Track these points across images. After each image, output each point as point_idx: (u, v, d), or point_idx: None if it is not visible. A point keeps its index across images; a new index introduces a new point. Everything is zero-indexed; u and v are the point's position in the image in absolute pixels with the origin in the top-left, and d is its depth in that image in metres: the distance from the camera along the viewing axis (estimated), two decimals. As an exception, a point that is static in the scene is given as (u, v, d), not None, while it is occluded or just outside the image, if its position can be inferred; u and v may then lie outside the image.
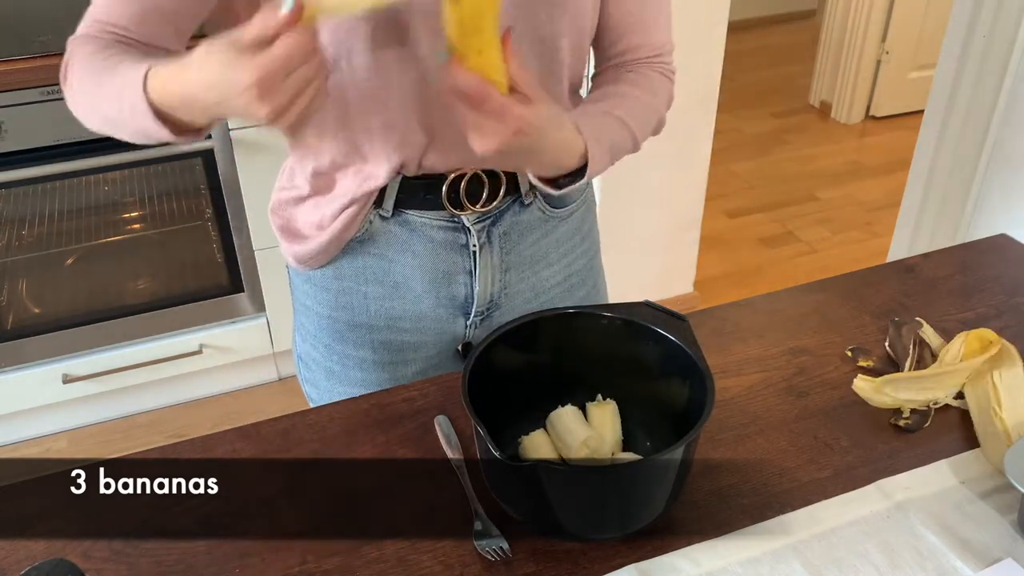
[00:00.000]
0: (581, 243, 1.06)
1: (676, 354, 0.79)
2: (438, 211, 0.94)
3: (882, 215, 3.05)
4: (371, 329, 1.00)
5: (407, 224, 0.95)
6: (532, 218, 0.99)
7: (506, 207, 0.97)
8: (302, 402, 1.07)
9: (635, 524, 0.74)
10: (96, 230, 2.05)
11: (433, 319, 1.00)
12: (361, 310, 0.99)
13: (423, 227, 0.95)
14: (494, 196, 0.95)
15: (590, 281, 1.10)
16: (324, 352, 1.04)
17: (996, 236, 1.19)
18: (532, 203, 0.98)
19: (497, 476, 0.75)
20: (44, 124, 1.80)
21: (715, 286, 2.73)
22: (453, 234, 0.96)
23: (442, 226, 0.95)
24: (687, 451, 0.71)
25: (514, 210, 0.98)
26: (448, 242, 0.96)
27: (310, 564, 0.76)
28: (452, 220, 0.95)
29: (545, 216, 1.00)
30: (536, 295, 1.03)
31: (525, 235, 1.00)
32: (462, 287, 0.99)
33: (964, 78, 1.96)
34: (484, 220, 0.96)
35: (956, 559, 0.74)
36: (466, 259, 0.97)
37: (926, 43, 3.45)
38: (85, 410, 2.22)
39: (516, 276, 1.01)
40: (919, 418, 0.89)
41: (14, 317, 2.05)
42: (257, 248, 2.10)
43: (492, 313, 1.02)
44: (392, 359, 1.02)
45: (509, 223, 0.98)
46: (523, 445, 0.82)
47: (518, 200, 0.97)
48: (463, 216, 0.95)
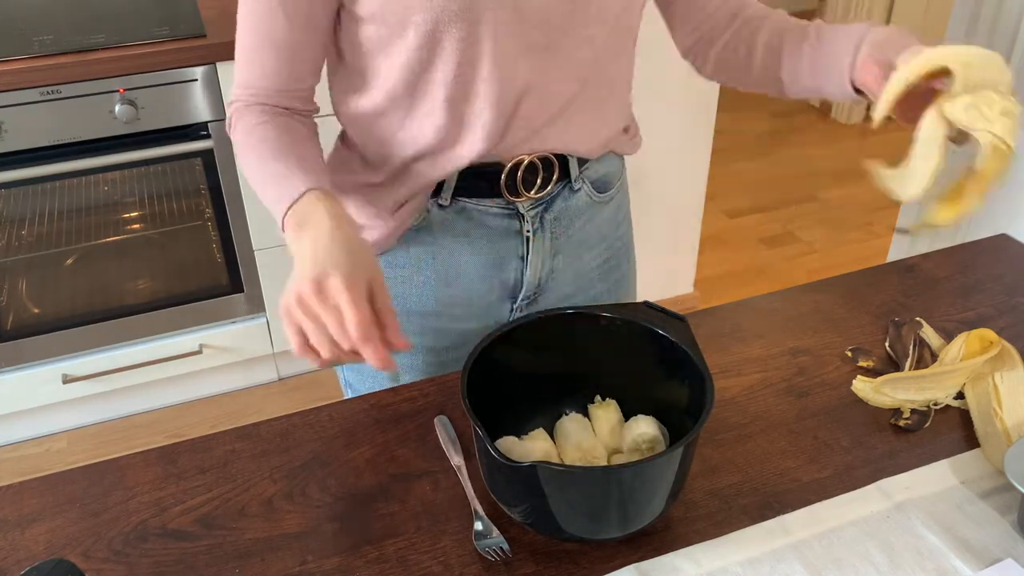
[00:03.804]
0: (618, 228, 1.10)
1: (676, 354, 0.79)
2: (495, 199, 0.97)
3: (882, 215, 3.05)
4: (423, 315, 1.03)
5: (464, 212, 0.98)
6: (580, 203, 1.03)
7: (557, 193, 1.00)
8: (302, 402, 1.07)
9: (635, 524, 0.74)
10: (96, 230, 2.05)
11: (483, 305, 1.03)
12: (415, 298, 1.02)
13: (480, 215, 0.98)
14: (547, 183, 0.98)
15: (625, 264, 1.14)
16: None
17: (996, 236, 1.19)
18: (581, 188, 1.02)
19: (496, 477, 0.75)
20: (44, 124, 1.80)
21: (715, 286, 2.73)
22: (508, 220, 0.99)
23: (498, 213, 0.98)
24: (687, 451, 0.71)
25: (564, 195, 1.01)
26: (503, 228, 0.99)
27: (310, 564, 0.76)
28: (508, 207, 0.98)
29: (591, 201, 1.04)
30: (576, 278, 1.07)
31: (574, 220, 1.03)
32: (513, 272, 1.02)
33: (964, 78, 1.96)
34: (538, 206, 1.00)
35: (956, 559, 0.74)
36: (519, 245, 1.01)
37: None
38: (85, 410, 2.23)
39: (563, 260, 1.04)
40: (919, 418, 0.89)
41: (14, 317, 2.05)
42: (257, 248, 2.10)
43: (538, 297, 1.05)
44: (437, 344, 1.04)
45: (560, 208, 1.01)
46: (523, 446, 0.82)
47: (568, 186, 1.01)
48: (518, 203, 0.98)
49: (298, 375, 2.36)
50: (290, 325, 0.73)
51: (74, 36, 1.82)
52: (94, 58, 1.78)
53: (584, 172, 1.02)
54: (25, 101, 1.76)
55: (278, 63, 0.88)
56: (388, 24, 0.85)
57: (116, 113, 1.81)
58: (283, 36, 0.87)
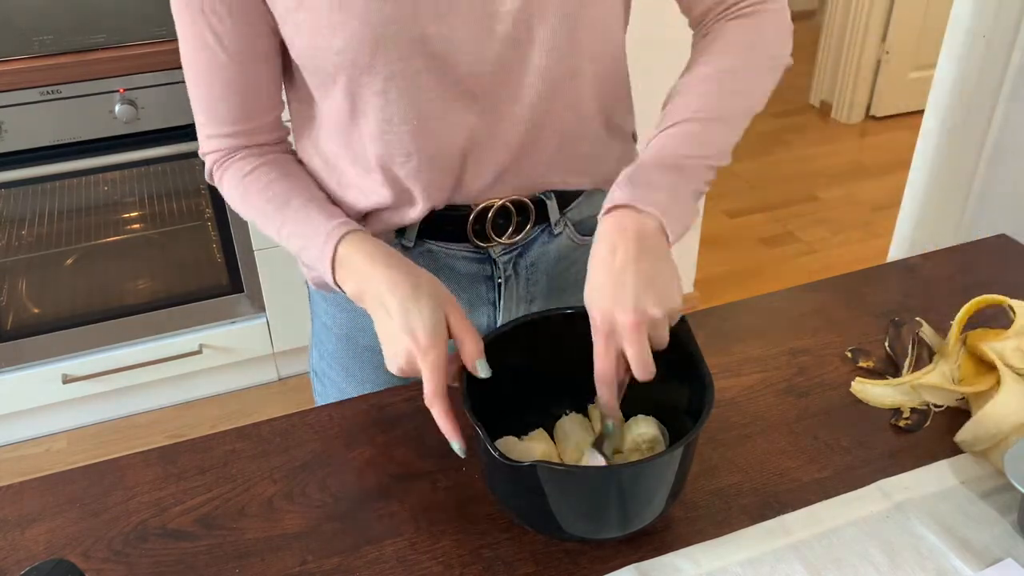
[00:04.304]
0: None
1: (677, 354, 0.79)
2: (462, 243, 0.92)
3: (882, 215, 3.05)
4: None
5: (430, 254, 0.93)
6: (561, 247, 0.97)
7: (533, 237, 0.94)
8: (302, 402, 1.07)
9: (635, 524, 0.74)
10: (96, 230, 2.05)
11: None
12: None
13: (447, 258, 0.93)
14: (522, 227, 0.92)
15: None
16: (342, 373, 1.03)
17: (996, 236, 1.19)
18: (562, 232, 0.96)
19: (496, 477, 0.75)
20: (44, 124, 1.80)
21: (715, 286, 2.73)
22: (478, 266, 0.94)
23: (467, 257, 0.93)
24: (687, 451, 0.71)
25: (542, 240, 0.95)
26: (472, 274, 0.94)
27: (310, 564, 0.76)
28: (477, 251, 0.93)
29: (574, 244, 0.98)
30: None
31: (553, 265, 0.97)
32: (485, 318, 0.97)
33: (964, 78, 1.96)
34: (511, 252, 0.94)
35: (956, 559, 0.74)
36: (490, 291, 0.96)
37: (926, 43, 3.45)
38: (85, 410, 2.23)
39: (541, 306, 0.99)
40: (919, 418, 0.89)
41: (14, 317, 2.05)
42: (257, 248, 2.10)
43: None
44: (406, 382, 1.00)
45: (537, 254, 0.95)
46: (523, 446, 0.82)
47: (547, 230, 0.95)
48: (489, 248, 0.93)
49: (298, 375, 2.36)
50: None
51: (74, 36, 1.82)
52: (94, 58, 1.78)
53: (567, 214, 0.95)
54: (25, 101, 1.77)
55: (233, 102, 0.85)
56: (314, 71, 0.82)
57: (116, 113, 1.81)
58: (231, 75, 0.83)
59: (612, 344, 0.73)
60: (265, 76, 0.85)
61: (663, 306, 0.72)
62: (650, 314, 0.72)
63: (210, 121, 0.87)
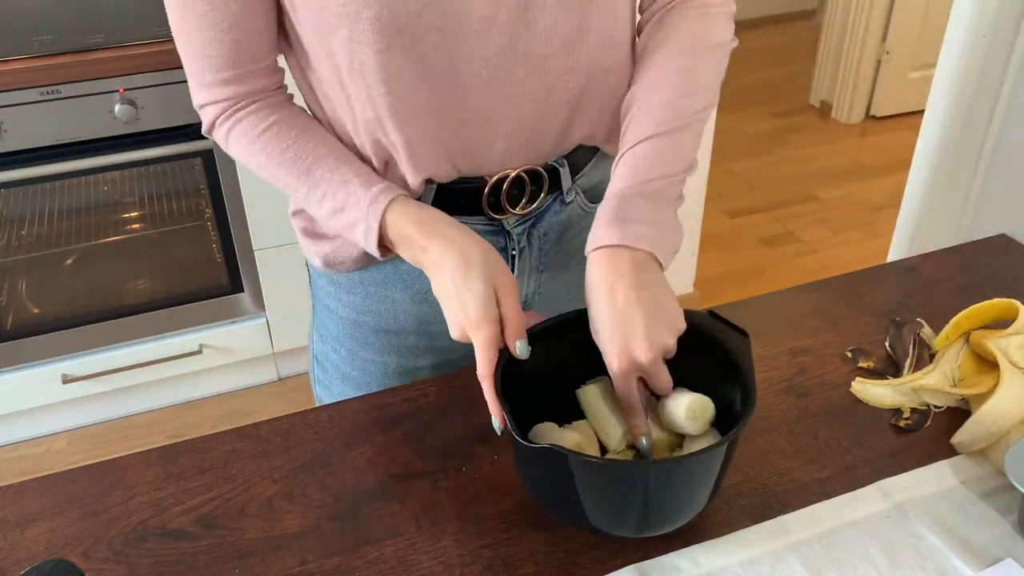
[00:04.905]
0: None
1: (726, 368, 0.78)
2: (477, 216, 0.90)
3: (882, 215, 3.05)
4: (399, 335, 0.99)
5: None
6: (572, 215, 0.96)
7: (547, 207, 0.94)
8: (302, 402, 1.06)
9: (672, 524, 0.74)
10: (96, 230, 2.05)
11: None
12: (389, 316, 0.97)
13: None
14: (536, 196, 0.92)
15: None
16: (346, 356, 1.02)
17: (996, 236, 1.19)
18: (573, 200, 0.96)
19: (519, 460, 0.75)
20: (44, 124, 1.80)
21: (715, 286, 2.73)
22: (492, 238, 0.92)
23: (482, 231, 0.91)
24: (728, 450, 0.71)
25: (555, 209, 0.95)
26: None
27: (310, 564, 0.76)
28: (491, 224, 0.92)
29: (584, 212, 0.98)
30: (568, 290, 1.01)
31: (563, 233, 0.97)
32: None
33: (964, 78, 1.96)
34: (524, 223, 0.94)
35: (956, 559, 0.74)
36: (505, 263, 0.95)
37: (926, 43, 3.45)
38: (85, 410, 2.23)
39: (550, 276, 0.99)
40: (919, 418, 0.89)
41: (14, 317, 2.05)
42: (257, 248, 2.10)
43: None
44: (416, 364, 1.01)
45: (549, 223, 0.95)
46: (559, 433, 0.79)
47: (559, 198, 0.95)
48: (503, 220, 0.92)
49: (298, 375, 2.36)
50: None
51: (74, 36, 1.82)
52: (94, 58, 1.78)
53: (577, 182, 0.95)
54: (25, 101, 1.77)
55: (227, 44, 0.80)
56: (314, 26, 0.79)
57: (116, 113, 1.81)
58: (223, 14, 0.78)
59: (632, 378, 0.76)
60: (260, 13, 0.80)
61: (675, 331, 0.77)
62: (667, 344, 0.76)
63: (205, 68, 0.82)
